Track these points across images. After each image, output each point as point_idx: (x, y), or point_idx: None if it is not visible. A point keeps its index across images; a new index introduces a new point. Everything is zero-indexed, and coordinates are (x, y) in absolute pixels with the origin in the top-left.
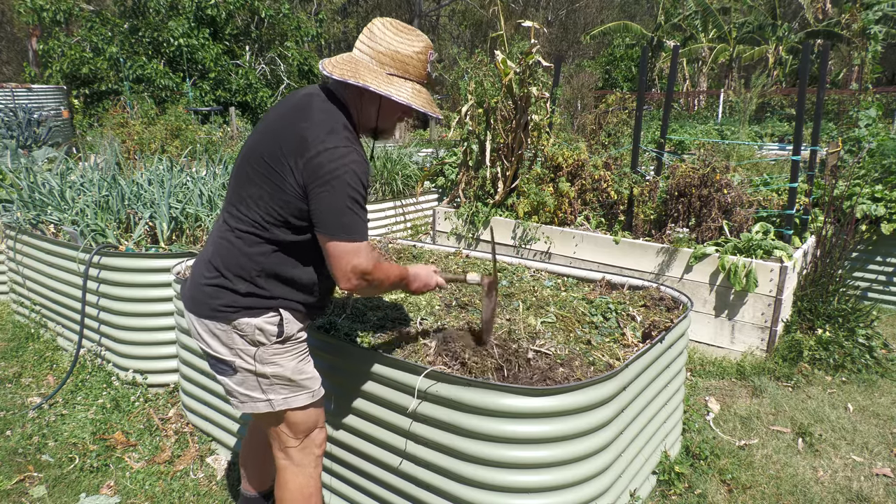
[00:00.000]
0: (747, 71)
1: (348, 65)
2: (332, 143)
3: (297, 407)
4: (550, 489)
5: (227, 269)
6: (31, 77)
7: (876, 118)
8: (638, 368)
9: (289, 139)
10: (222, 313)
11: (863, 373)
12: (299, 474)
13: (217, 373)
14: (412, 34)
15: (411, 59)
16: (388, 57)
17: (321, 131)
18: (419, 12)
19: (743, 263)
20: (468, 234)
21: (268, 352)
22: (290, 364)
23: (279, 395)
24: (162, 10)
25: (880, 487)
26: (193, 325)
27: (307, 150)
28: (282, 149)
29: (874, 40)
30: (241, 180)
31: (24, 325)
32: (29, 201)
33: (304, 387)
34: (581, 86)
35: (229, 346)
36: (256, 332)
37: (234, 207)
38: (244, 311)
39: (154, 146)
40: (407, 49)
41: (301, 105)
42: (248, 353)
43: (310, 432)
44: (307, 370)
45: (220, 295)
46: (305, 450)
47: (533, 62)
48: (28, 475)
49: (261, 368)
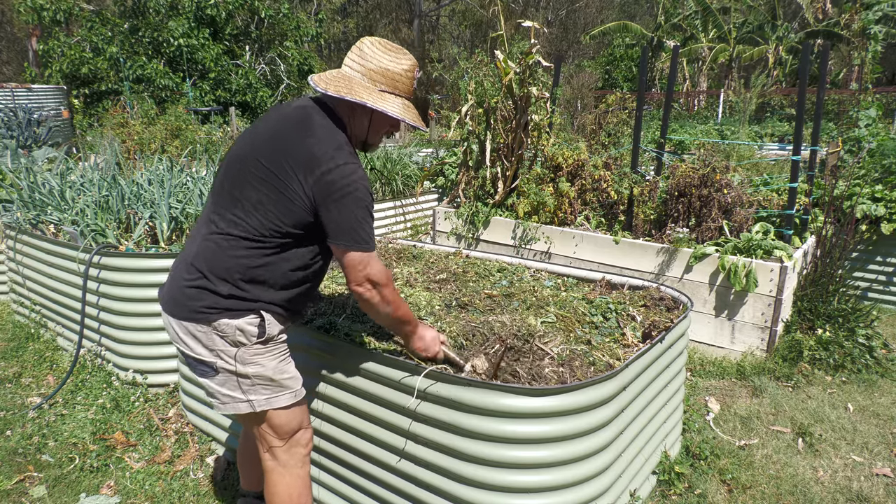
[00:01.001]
0: (747, 71)
1: (342, 81)
2: (342, 160)
3: (280, 407)
4: (550, 489)
5: (210, 272)
6: (31, 77)
7: (876, 118)
8: (638, 368)
9: (295, 153)
10: (203, 314)
11: (863, 373)
12: (286, 475)
13: (197, 375)
14: (400, 53)
15: (400, 76)
16: (379, 74)
17: (329, 147)
18: (419, 12)
19: (743, 263)
20: (468, 234)
21: (248, 352)
22: (271, 364)
23: (261, 395)
24: (162, 10)
25: (880, 487)
26: (172, 326)
27: (318, 167)
28: (288, 161)
29: (874, 40)
30: (235, 182)
31: (24, 325)
32: (29, 201)
33: (286, 387)
34: (581, 86)
35: (210, 347)
36: (237, 332)
37: (225, 210)
38: (225, 312)
39: (154, 146)
40: (396, 67)
41: (301, 119)
42: (228, 353)
43: (294, 433)
44: (288, 370)
45: (202, 297)
46: (291, 450)
47: (533, 62)
48: (28, 475)
49: (242, 369)
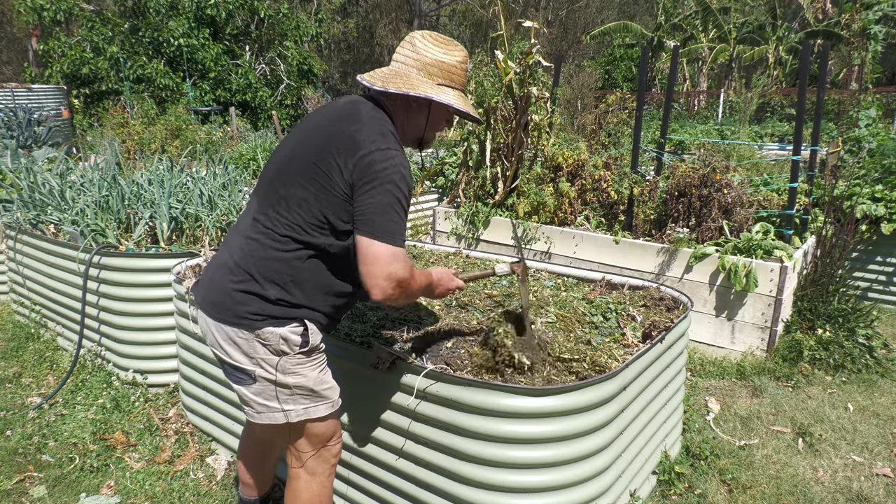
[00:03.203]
0: (747, 71)
1: (399, 78)
2: (384, 145)
3: (316, 418)
4: (550, 489)
5: (258, 273)
6: (31, 77)
7: (876, 118)
8: (638, 368)
9: (340, 140)
10: (248, 321)
11: (863, 373)
12: (313, 483)
13: (233, 381)
14: (452, 45)
15: (455, 68)
16: (435, 67)
17: (373, 132)
18: (419, 12)
19: (743, 263)
20: (468, 234)
21: (290, 361)
22: (312, 374)
23: (299, 405)
24: (162, 10)
25: (880, 487)
26: (211, 331)
27: (359, 149)
28: (331, 150)
29: (874, 40)
30: (281, 180)
31: (24, 325)
32: (29, 201)
33: (325, 397)
34: (581, 86)
35: (250, 355)
36: (280, 341)
37: (269, 208)
38: (270, 319)
39: (154, 146)
40: (451, 59)
41: (349, 111)
42: (270, 362)
43: (326, 442)
44: (328, 380)
45: (249, 301)
46: (320, 458)
47: (533, 62)
48: (28, 475)
49: (282, 378)
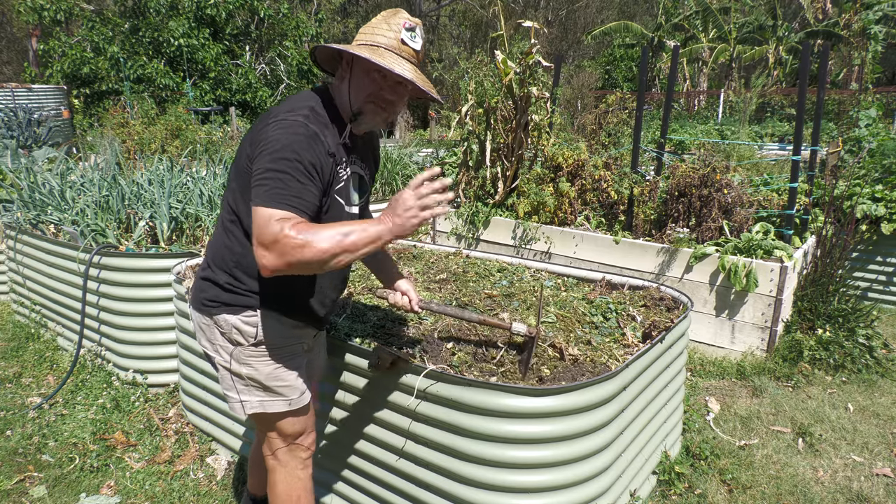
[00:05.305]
0: (747, 71)
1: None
2: (283, 117)
3: (273, 412)
4: (550, 489)
5: (212, 260)
6: (31, 77)
7: (876, 118)
8: (638, 368)
9: (255, 126)
10: (206, 307)
11: (863, 373)
12: (287, 475)
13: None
14: (391, 13)
15: (378, 24)
16: (360, 33)
17: (281, 110)
18: (419, 12)
19: (743, 263)
20: (468, 234)
21: (244, 352)
22: (264, 369)
23: (254, 397)
24: (162, 10)
25: (880, 487)
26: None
27: (261, 128)
28: (250, 137)
29: (874, 40)
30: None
31: (24, 325)
32: (29, 201)
33: (280, 394)
34: (581, 86)
35: (212, 341)
36: (234, 330)
37: (225, 200)
38: (224, 306)
39: (154, 146)
40: (376, 20)
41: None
42: (226, 350)
43: (297, 437)
44: (285, 378)
45: (206, 288)
46: (292, 451)
47: (533, 62)
48: (28, 475)
49: (236, 367)
